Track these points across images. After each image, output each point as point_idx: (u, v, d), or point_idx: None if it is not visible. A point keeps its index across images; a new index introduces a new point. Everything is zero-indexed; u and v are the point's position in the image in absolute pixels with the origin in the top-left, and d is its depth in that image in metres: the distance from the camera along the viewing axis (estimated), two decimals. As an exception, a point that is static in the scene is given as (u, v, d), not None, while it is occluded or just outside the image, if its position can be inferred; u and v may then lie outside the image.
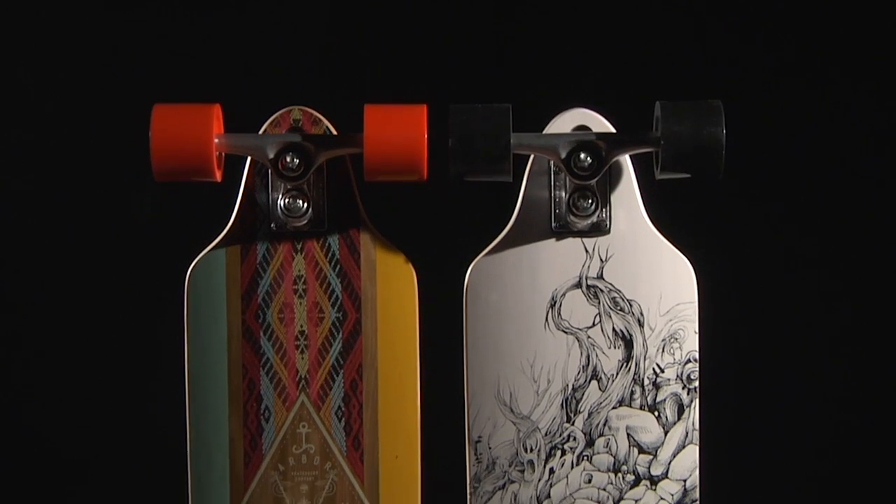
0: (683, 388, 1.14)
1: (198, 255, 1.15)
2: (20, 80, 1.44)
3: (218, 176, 1.10)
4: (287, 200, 1.13)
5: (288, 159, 1.10)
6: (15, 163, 1.44)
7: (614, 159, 1.11)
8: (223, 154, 1.12)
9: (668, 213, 1.17)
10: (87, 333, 1.43)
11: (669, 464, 1.15)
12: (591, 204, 1.13)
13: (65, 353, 1.44)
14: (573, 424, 1.15)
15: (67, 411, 1.45)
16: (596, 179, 1.11)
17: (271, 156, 1.10)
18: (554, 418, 1.15)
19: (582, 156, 1.09)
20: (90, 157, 1.42)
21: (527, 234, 1.15)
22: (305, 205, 1.13)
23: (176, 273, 1.18)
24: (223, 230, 1.15)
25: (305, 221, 1.13)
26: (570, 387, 1.15)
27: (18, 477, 1.48)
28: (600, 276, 1.15)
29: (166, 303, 1.24)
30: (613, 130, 1.14)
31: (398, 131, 1.08)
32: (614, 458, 1.15)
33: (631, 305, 1.14)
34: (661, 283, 1.14)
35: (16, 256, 1.44)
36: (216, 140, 1.09)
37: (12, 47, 1.44)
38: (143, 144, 1.09)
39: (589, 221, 1.14)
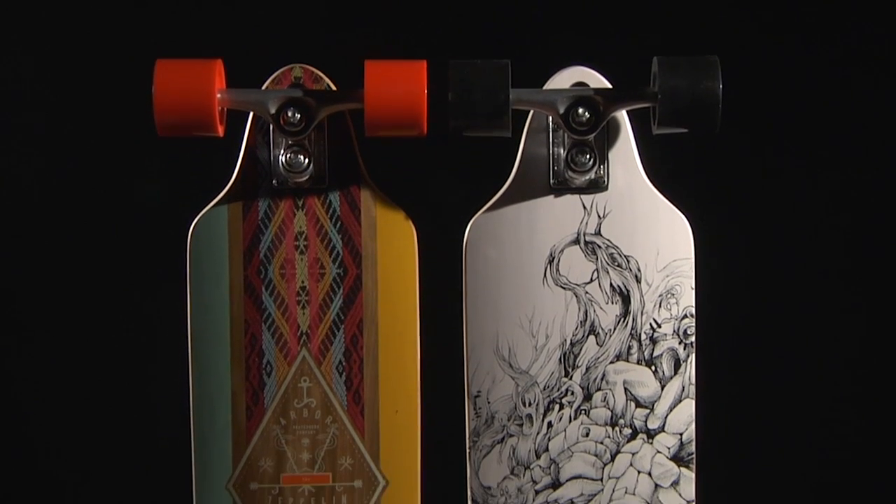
0: (680, 343, 1.16)
1: (200, 211, 1.16)
2: (22, 34, 1.44)
3: (220, 131, 1.11)
4: (288, 156, 1.14)
5: (289, 114, 1.11)
6: (17, 115, 1.44)
7: (612, 114, 1.12)
8: (225, 109, 1.13)
9: (665, 170, 1.18)
10: (89, 290, 1.44)
11: (666, 418, 1.16)
12: (590, 159, 1.14)
13: (66, 311, 1.45)
14: (571, 379, 1.16)
15: (68, 369, 1.46)
16: (594, 135, 1.12)
17: (273, 111, 1.11)
18: (552, 373, 1.16)
19: (580, 111, 1.10)
20: (94, 115, 1.42)
21: (525, 191, 1.16)
22: (307, 160, 1.14)
23: (178, 230, 1.19)
24: (225, 187, 1.16)
25: (306, 177, 1.14)
26: (568, 342, 1.16)
27: (18, 428, 1.49)
28: (598, 233, 1.16)
29: (169, 259, 1.25)
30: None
31: (398, 86, 1.09)
32: (612, 412, 1.16)
33: (628, 261, 1.15)
34: (658, 239, 1.15)
35: (17, 213, 1.45)
36: (218, 95, 1.10)
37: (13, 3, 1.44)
38: (146, 100, 1.10)
39: (587, 178, 1.15)
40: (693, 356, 1.16)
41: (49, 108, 1.43)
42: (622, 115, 1.15)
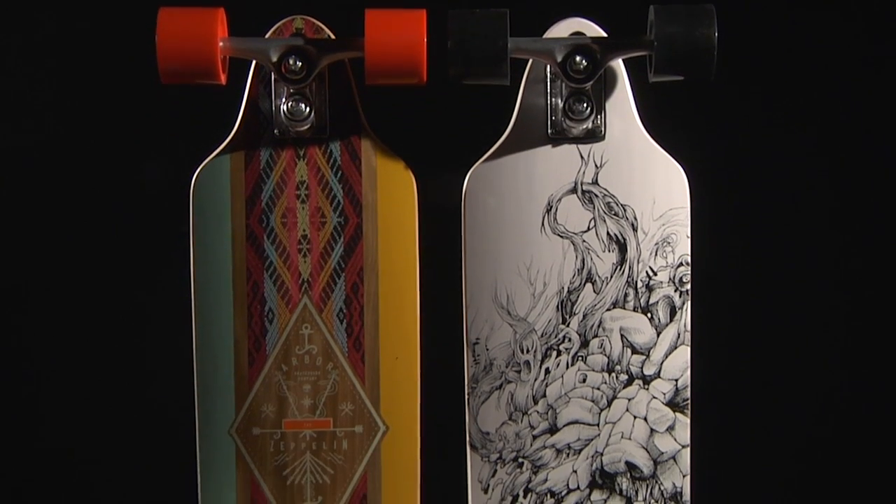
0: (676, 291, 1.17)
1: (203, 161, 1.17)
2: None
3: (222, 79, 1.13)
4: (290, 104, 1.15)
5: (291, 62, 1.12)
6: (22, 62, 1.45)
7: (609, 62, 1.13)
8: (227, 58, 1.14)
9: (661, 120, 1.19)
10: (93, 239, 1.45)
11: (662, 364, 1.17)
12: (587, 107, 1.15)
13: (68, 262, 1.46)
14: (568, 326, 1.17)
15: (71, 317, 1.47)
16: (591, 83, 1.13)
17: (274, 59, 1.12)
18: (550, 320, 1.17)
19: (577, 59, 1.12)
20: (97, 62, 1.43)
21: (524, 140, 1.17)
22: (308, 108, 1.15)
23: (181, 179, 1.20)
24: (227, 137, 1.17)
25: (308, 126, 1.16)
26: (566, 289, 1.17)
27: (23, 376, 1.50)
28: (595, 182, 1.17)
29: (172, 208, 1.26)
30: (608, 37, 1.16)
31: (398, 34, 1.10)
32: (608, 358, 1.17)
33: (625, 210, 1.17)
34: (655, 189, 1.17)
35: (18, 160, 1.46)
36: (221, 43, 1.11)
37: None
38: (150, 48, 1.11)
39: (584, 127, 1.16)
40: (688, 303, 1.17)
41: (51, 55, 1.43)
42: (619, 66, 1.16)
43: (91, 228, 1.44)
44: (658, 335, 1.17)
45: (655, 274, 1.17)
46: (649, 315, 1.17)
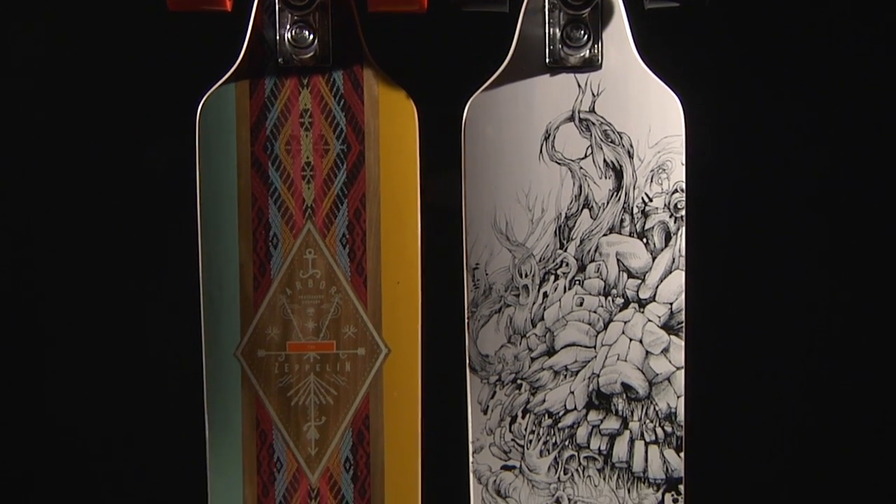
0: (670, 217, 1.19)
1: (208, 90, 1.19)
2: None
3: (228, 5, 1.14)
4: (294, 31, 1.17)
5: (295, -13, 1.14)
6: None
7: (606, -11, 1.15)
8: (233, -16, 1.16)
9: (657, 49, 1.20)
10: (99, 167, 1.46)
11: (657, 288, 1.20)
12: (584, 35, 1.17)
13: (77, 184, 1.47)
14: (566, 251, 1.20)
15: (79, 242, 1.48)
16: (588, 9, 1.15)
17: (279, -15, 1.14)
18: (547, 245, 1.20)
19: (575, -17, 1.14)
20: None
21: (522, 69, 1.19)
22: (311, 35, 1.17)
23: (187, 108, 1.22)
24: (232, 66, 1.19)
25: (311, 54, 1.18)
26: (563, 215, 1.19)
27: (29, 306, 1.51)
28: (592, 110, 1.19)
29: (178, 137, 1.28)
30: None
31: (400, -40, 1.12)
32: (605, 282, 1.20)
33: (621, 138, 1.19)
34: (650, 117, 1.19)
35: (23, 98, 1.46)
36: (227, -30, 1.13)
37: None
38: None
39: (581, 55, 1.18)
40: (683, 229, 1.19)
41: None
42: (616, -4, 1.18)
43: (97, 157, 1.45)
44: (653, 260, 1.19)
45: (651, 200, 1.19)
46: (645, 240, 1.19)
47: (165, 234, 1.44)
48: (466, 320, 1.20)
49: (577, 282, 1.20)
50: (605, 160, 1.19)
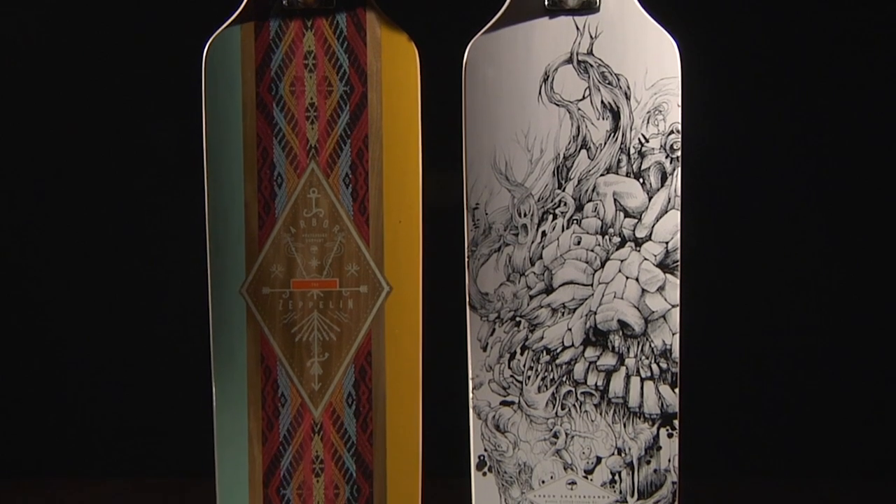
0: (666, 158, 1.21)
1: (214, 32, 1.21)
2: None
3: None
4: (298, -27, 1.19)
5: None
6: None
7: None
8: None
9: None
10: (106, 109, 1.47)
11: (653, 227, 1.22)
12: (583, -24, 1.19)
13: (84, 127, 1.48)
14: (564, 191, 1.22)
15: (86, 182, 1.49)
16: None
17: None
18: (546, 185, 1.22)
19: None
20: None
21: (522, 12, 1.21)
22: (315, -25, 1.19)
23: (193, 50, 1.23)
24: (238, 8, 1.21)
25: (315, -4, 1.20)
26: (562, 156, 1.21)
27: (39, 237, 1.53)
28: (590, 52, 1.21)
29: (184, 79, 1.29)
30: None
31: None
32: (602, 221, 1.22)
33: (618, 79, 1.21)
34: (647, 59, 1.20)
35: (30, 37, 1.47)
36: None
37: None
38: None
39: (580, -3, 1.20)
40: (679, 170, 1.21)
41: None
42: (614, -60, 1.20)
43: (105, 99, 1.47)
44: (649, 199, 1.21)
45: (647, 141, 1.21)
46: (641, 180, 1.21)
47: (172, 175, 1.45)
48: (466, 259, 1.23)
49: (575, 221, 1.22)
50: (602, 101, 1.21)
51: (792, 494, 1.52)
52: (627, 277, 1.22)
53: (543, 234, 1.22)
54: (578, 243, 1.22)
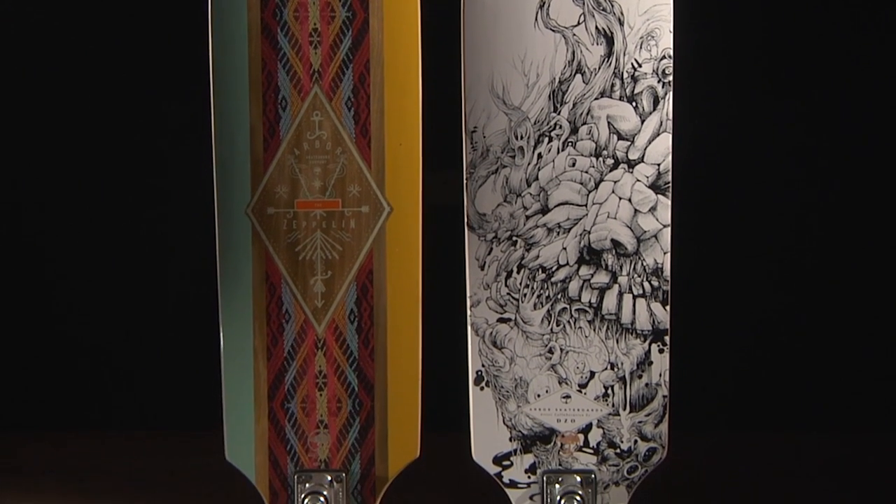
0: (659, 82, 1.24)
1: (219, -41, 1.24)
2: None
3: None
4: None
5: None
6: None
7: None
8: None
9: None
10: (110, 34, 1.49)
11: (645, 149, 1.25)
12: None
13: (88, 50, 1.50)
14: (559, 114, 1.25)
15: (93, 112, 1.52)
16: None
17: None
18: (542, 109, 1.25)
19: None
20: None
21: (519, -60, 1.24)
22: None
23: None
24: (243, -64, 1.24)
25: (319, -77, 1.22)
26: (557, 80, 1.25)
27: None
28: (585, -21, 1.24)
29: (191, 4, 1.32)
30: None
31: None
32: (596, 143, 1.25)
33: (612, 5, 1.24)
34: (641, -14, 1.24)
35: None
36: None
37: None
38: None
39: (576, -75, 1.23)
40: (670, 94, 1.24)
41: None
42: None
43: (109, 25, 1.49)
44: (642, 122, 1.25)
45: (640, 66, 1.24)
46: (634, 104, 1.25)
47: (179, 98, 1.48)
48: (465, 181, 1.26)
49: (570, 143, 1.25)
50: (596, 27, 1.24)
51: (780, 406, 1.55)
52: (620, 198, 1.25)
53: (539, 156, 1.25)
54: (573, 165, 1.25)
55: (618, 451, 1.26)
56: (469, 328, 1.27)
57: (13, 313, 1.58)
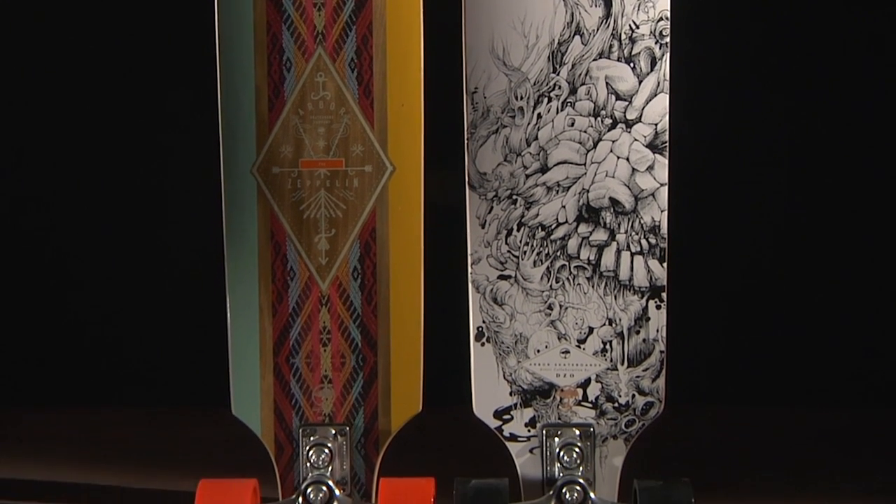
0: (656, 43, 1.26)
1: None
2: None
3: None
4: None
5: None
6: None
7: None
8: None
9: None
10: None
11: (643, 109, 1.27)
12: None
13: (100, 12, 1.53)
14: (558, 75, 1.27)
15: (98, 64, 1.54)
16: None
17: None
18: (541, 70, 1.27)
19: None
20: None
21: None
22: None
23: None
24: None
25: None
26: (556, 41, 1.27)
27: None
28: (584, -58, 1.26)
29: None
30: None
31: None
32: (594, 104, 1.27)
33: (611, -32, 1.26)
34: (638, -52, 1.26)
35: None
36: None
37: None
38: None
39: None
40: (668, 55, 1.26)
41: None
42: None
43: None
44: (640, 83, 1.27)
45: (638, 27, 1.26)
46: (632, 65, 1.27)
47: (186, 59, 1.50)
48: (466, 141, 1.28)
49: (569, 104, 1.27)
50: (595, -11, 1.26)
51: (773, 361, 1.58)
52: (618, 157, 1.27)
53: (539, 116, 1.27)
54: (572, 125, 1.27)
55: (616, 405, 1.29)
56: (470, 285, 1.29)
57: (23, 278, 1.60)
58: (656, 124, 1.27)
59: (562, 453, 1.27)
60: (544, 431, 1.28)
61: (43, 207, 1.58)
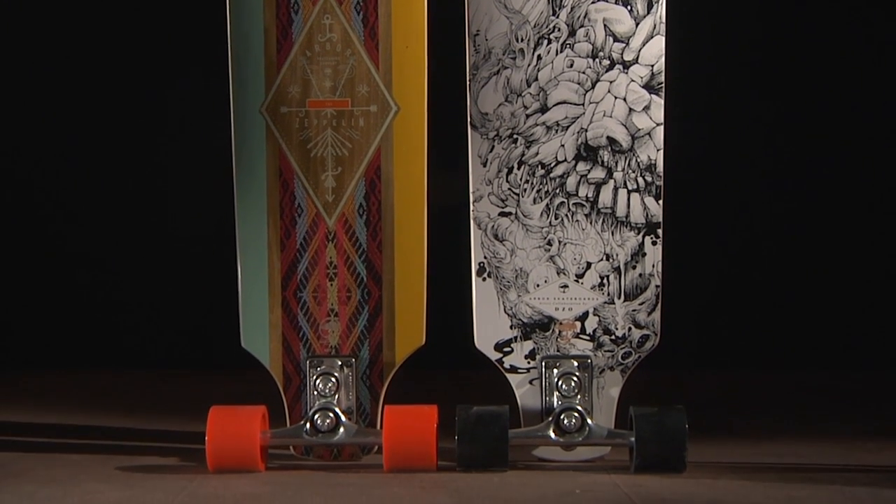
0: (653, -14, 1.31)
1: None
2: None
3: None
4: None
5: None
6: None
7: None
8: None
9: None
10: None
11: (639, 51, 1.31)
12: None
13: None
14: (558, 17, 1.31)
15: (111, 39, 1.57)
16: None
17: None
18: (542, 12, 1.31)
19: None
20: None
21: None
22: None
23: None
24: None
25: None
26: (556, -15, 1.31)
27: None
28: None
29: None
30: None
31: None
32: (593, 45, 1.31)
33: (609, -87, 1.30)
34: None
35: None
36: None
37: None
38: None
39: None
40: (664, -2, 1.31)
41: None
42: None
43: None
44: (637, 25, 1.31)
45: (635, -29, 1.30)
46: (629, 7, 1.31)
47: (194, 2, 1.53)
48: (468, 82, 1.32)
49: (568, 45, 1.31)
50: (594, -66, 1.30)
51: (765, 300, 1.61)
52: (616, 97, 1.31)
53: (539, 57, 1.31)
54: (571, 66, 1.31)
55: (613, 337, 1.33)
56: (472, 222, 1.33)
57: (39, 237, 1.63)
58: (653, 66, 1.31)
59: (560, 382, 1.31)
60: (543, 363, 1.32)
61: (53, 160, 1.61)
